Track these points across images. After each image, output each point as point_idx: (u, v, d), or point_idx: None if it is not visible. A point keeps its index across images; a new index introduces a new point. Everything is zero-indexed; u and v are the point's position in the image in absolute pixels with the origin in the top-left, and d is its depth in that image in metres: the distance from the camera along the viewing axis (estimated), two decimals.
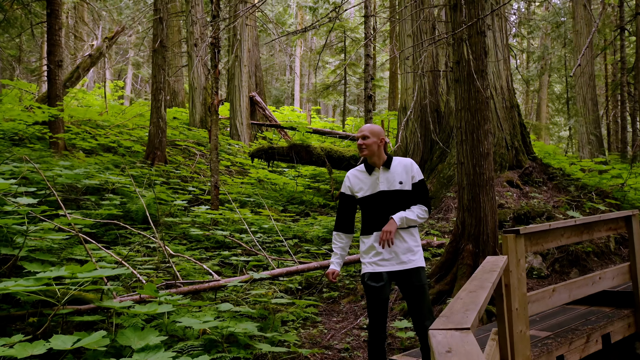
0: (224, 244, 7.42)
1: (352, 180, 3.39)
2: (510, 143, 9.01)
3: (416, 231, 3.30)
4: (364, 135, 3.30)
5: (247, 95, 17.60)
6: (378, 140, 3.31)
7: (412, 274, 3.19)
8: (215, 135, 8.53)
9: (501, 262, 2.93)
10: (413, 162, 3.34)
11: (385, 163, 3.31)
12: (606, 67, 27.12)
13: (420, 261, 3.23)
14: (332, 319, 5.47)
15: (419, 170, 3.33)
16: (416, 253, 3.23)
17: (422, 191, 3.28)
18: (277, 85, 44.40)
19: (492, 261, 3.00)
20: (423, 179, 3.32)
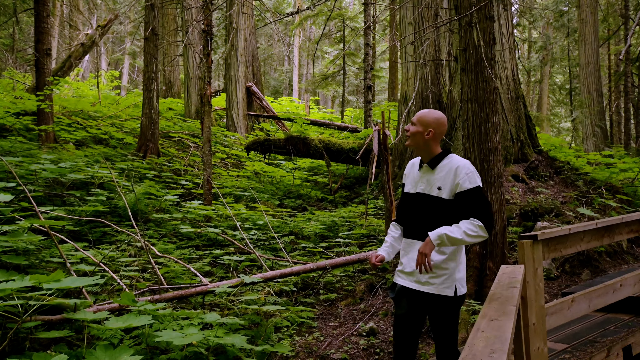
0: (217, 242, 7.08)
1: (407, 169, 2.99)
2: (515, 135, 8.66)
3: (457, 250, 2.70)
4: (412, 121, 2.83)
5: (243, 85, 17.20)
6: (424, 130, 2.77)
7: (431, 301, 2.71)
8: (208, 127, 8.16)
9: (519, 274, 2.59)
10: (465, 165, 2.69)
11: (432, 161, 2.80)
12: (609, 57, 26.66)
13: (445, 288, 2.65)
14: (329, 324, 5.14)
15: (470, 175, 2.65)
16: (440, 276, 2.68)
17: (474, 202, 2.61)
18: (276, 75, 43.93)
19: (508, 273, 2.65)
20: (477, 187, 2.62)
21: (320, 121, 16.63)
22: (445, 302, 2.69)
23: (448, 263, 2.69)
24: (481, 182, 2.70)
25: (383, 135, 6.96)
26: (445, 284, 2.69)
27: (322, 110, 31.37)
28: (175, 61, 21.09)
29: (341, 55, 24.81)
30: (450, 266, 2.69)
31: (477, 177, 2.68)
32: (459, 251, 2.71)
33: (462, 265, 2.73)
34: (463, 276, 2.73)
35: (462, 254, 2.75)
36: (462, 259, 2.74)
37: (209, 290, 4.28)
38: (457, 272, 2.69)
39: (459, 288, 2.68)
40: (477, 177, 2.68)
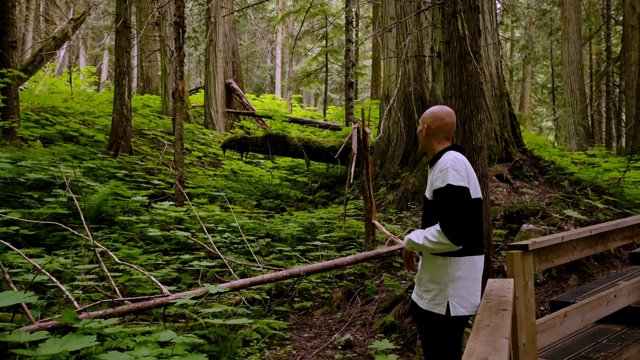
0: (187, 246, 6.68)
1: None
2: (499, 134, 8.40)
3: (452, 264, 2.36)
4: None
5: (222, 82, 16.74)
6: (422, 127, 2.61)
7: (423, 318, 2.47)
8: (180, 124, 7.74)
9: (509, 292, 2.27)
10: (444, 161, 2.38)
11: (431, 160, 2.53)
12: (591, 56, 26.75)
13: (434, 305, 2.38)
14: (303, 335, 4.80)
15: (444, 173, 2.34)
16: (430, 291, 2.42)
17: (440, 204, 2.31)
18: (258, 73, 43.44)
19: (497, 289, 2.33)
20: (446, 185, 2.30)
21: (301, 119, 16.26)
22: (435, 321, 2.39)
23: (437, 275, 2.40)
24: (458, 181, 2.32)
25: (363, 133, 6.64)
26: (435, 300, 2.40)
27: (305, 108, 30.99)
28: (153, 56, 20.53)
29: (324, 52, 24.45)
30: (442, 280, 2.38)
31: (451, 175, 2.32)
32: (452, 263, 2.37)
33: (462, 280, 2.37)
34: (466, 294, 2.37)
35: (463, 265, 2.38)
36: (463, 272, 2.38)
37: (169, 302, 3.90)
38: (450, 287, 2.36)
39: (453, 307, 2.35)
40: (450, 175, 2.32)
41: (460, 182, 2.32)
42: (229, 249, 6.86)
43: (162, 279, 5.35)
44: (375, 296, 5.29)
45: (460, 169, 2.36)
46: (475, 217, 2.42)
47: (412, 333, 4.36)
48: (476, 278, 2.42)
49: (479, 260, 2.45)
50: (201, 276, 5.82)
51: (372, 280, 5.72)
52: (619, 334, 3.82)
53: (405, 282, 5.41)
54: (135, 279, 4.93)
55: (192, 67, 39.57)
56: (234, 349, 4.02)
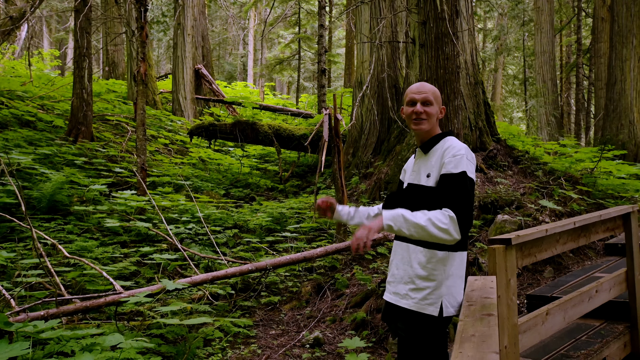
0: (149, 237, 6.32)
1: (408, 161, 2.49)
2: (474, 123, 8.23)
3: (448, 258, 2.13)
4: (427, 99, 2.22)
5: (191, 67, 16.20)
6: (439, 109, 2.30)
7: (409, 320, 2.17)
8: (142, 109, 7.32)
9: (492, 292, 2.04)
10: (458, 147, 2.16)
11: (425, 144, 2.27)
12: (561, 48, 27.03)
13: (427, 305, 2.12)
14: (269, 333, 4.53)
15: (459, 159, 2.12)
16: (422, 289, 2.13)
17: (454, 189, 2.06)
18: (230, 60, 42.65)
19: (479, 289, 2.10)
20: (462, 172, 2.09)
21: (273, 106, 15.88)
22: (425, 323, 2.13)
23: (434, 271, 2.13)
24: (471, 173, 2.13)
25: (334, 119, 6.35)
26: (428, 299, 2.13)
27: (277, 96, 30.50)
28: (119, 40, 19.75)
29: (296, 39, 24.02)
30: (437, 276, 2.13)
31: (466, 164, 2.11)
32: (449, 258, 2.13)
33: (454, 277, 2.14)
34: (455, 292, 2.15)
35: (456, 262, 2.15)
36: (456, 269, 2.15)
37: (121, 301, 3.57)
38: (444, 285, 2.12)
39: (445, 306, 2.12)
40: (465, 163, 2.11)
41: (472, 174, 2.14)
42: (193, 241, 6.52)
43: (119, 274, 5.00)
44: (346, 290, 5.06)
45: (472, 160, 2.18)
46: None
47: (384, 330, 4.14)
48: (463, 275, 2.22)
49: (466, 257, 2.25)
50: (162, 270, 5.48)
51: (343, 274, 5.47)
52: (598, 330, 3.67)
53: (378, 275, 5.18)
54: (88, 274, 4.57)
55: (161, 53, 38.55)
56: (193, 350, 3.72)
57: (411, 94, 2.27)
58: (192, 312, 4.43)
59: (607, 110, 13.88)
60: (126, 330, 3.90)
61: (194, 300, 4.95)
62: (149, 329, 4.01)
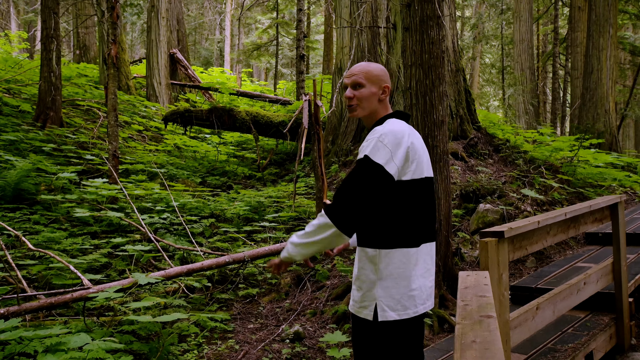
0: (121, 228, 6.06)
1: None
2: (455, 111, 8.15)
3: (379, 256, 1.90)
4: (356, 81, 1.98)
5: (166, 51, 15.75)
6: (379, 89, 2.01)
7: (352, 319, 2.05)
8: (114, 94, 7.01)
9: (487, 290, 1.91)
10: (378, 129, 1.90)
11: (368, 130, 2.01)
12: (538, 37, 27.20)
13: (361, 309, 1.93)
14: (247, 327, 4.37)
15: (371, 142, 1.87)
16: (358, 291, 1.96)
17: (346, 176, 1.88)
18: (207, 45, 41.85)
19: (473, 287, 1.97)
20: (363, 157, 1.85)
21: (250, 93, 15.59)
22: (361, 327, 1.96)
23: (363, 271, 1.94)
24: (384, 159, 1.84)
25: (314, 106, 6.17)
26: (362, 302, 1.94)
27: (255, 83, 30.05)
28: (91, 22, 19.08)
29: (274, 25, 23.61)
30: (368, 276, 1.92)
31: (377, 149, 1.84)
32: (381, 256, 1.89)
33: (392, 278, 1.89)
34: (396, 294, 1.88)
35: (392, 260, 1.89)
36: (395, 269, 1.89)
37: (89, 297, 3.36)
38: (379, 286, 1.89)
39: (381, 310, 1.88)
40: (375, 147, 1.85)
41: (382, 159, 1.84)
42: (168, 231, 6.29)
43: (89, 266, 4.77)
44: (327, 282, 4.92)
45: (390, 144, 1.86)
46: (415, 200, 1.93)
47: None
48: (411, 275, 1.92)
49: (414, 254, 1.93)
50: (135, 262, 5.25)
51: (323, 265, 5.34)
52: (584, 321, 3.61)
53: None
54: (54, 268, 4.32)
55: (135, 37, 37.60)
56: (167, 347, 3.54)
57: (344, 79, 2.05)
58: (167, 306, 4.23)
59: (584, 99, 13.99)
60: (96, 327, 3.69)
61: (168, 293, 4.75)
62: (120, 325, 3.80)
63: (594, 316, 3.70)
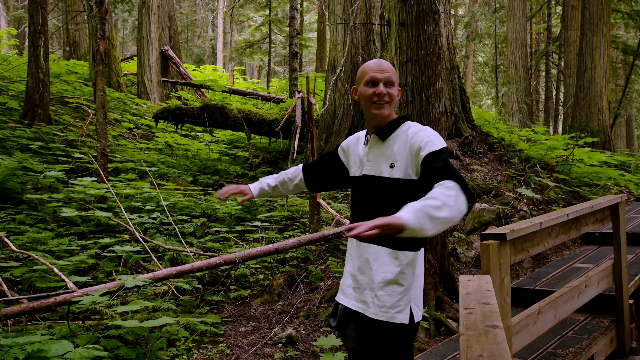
0: (109, 228, 5.92)
1: (351, 142, 2.12)
2: (449, 109, 8.06)
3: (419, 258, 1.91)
4: (390, 79, 1.91)
5: (157, 48, 15.55)
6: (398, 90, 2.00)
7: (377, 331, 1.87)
8: (102, 91, 6.85)
9: (491, 296, 1.80)
10: (423, 129, 1.91)
11: (381, 130, 1.95)
12: (531, 36, 27.22)
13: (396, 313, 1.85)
14: (239, 330, 4.25)
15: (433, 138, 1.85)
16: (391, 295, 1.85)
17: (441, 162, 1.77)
18: (199, 42, 41.58)
19: (475, 292, 1.86)
20: (443, 147, 1.83)
21: (243, 90, 15.43)
22: (394, 333, 1.86)
23: (405, 276, 1.87)
24: None
25: (307, 104, 6.06)
26: (397, 306, 1.86)
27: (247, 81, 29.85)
28: (81, 19, 18.82)
29: (267, 22, 23.44)
30: (407, 280, 1.88)
31: (443, 141, 1.90)
32: (419, 258, 1.93)
33: (420, 279, 1.94)
34: (420, 295, 1.94)
35: (421, 262, 1.95)
36: (421, 269, 1.95)
37: (73, 301, 3.23)
38: (413, 289, 1.90)
39: (415, 312, 1.89)
40: (442, 140, 1.89)
41: None
42: (158, 231, 6.15)
43: (75, 268, 4.63)
44: (321, 283, 4.81)
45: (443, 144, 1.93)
46: None
47: None
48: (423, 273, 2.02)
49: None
50: (124, 263, 5.12)
51: (317, 265, 5.23)
52: (584, 324, 3.53)
53: None
54: (39, 270, 4.18)
55: (127, 34, 37.29)
56: (155, 352, 3.42)
57: (372, 73, 1.93)
58: (155, 309, 4.11)
59: (577, 98, 13.97)
60: (81, 332, 3.56)
61: (157, 295, 4.63)
62: (107, 329, 3.68)
63: (593, 319, 3.62)
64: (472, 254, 5.22)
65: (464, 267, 5.09)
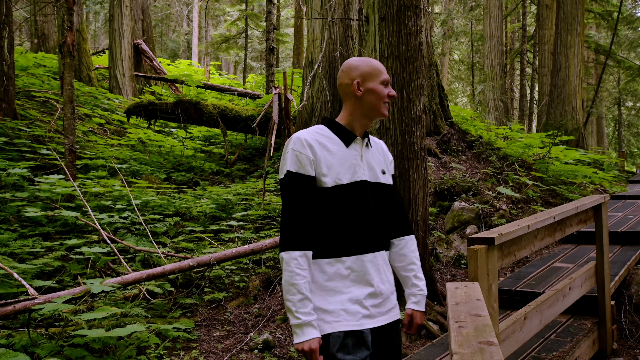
0: (77, 228, 5.67)
1: (318, 149, 1.74)
2: (428, 106, 8.00)
3: None
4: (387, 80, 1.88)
5: (130, 42, 15.15)
6: None
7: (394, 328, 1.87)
8: (70, 84, 6.57)
9: (482, 307, 1.69)
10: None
11: (367, 134, 1.91)
12: (506, 34, 27.51)
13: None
14: (213, 335, 4.08)
15: None
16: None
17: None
18: (174, 37, 40.88)
19: (464, 301, 1.75)
20: None
21: (218, 86, 15.15)
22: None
23: None
24: None
25: (285, 99, 5.90)
26: None
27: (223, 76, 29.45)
28: (50, 10, 18.21)
29: (243, 17, 23.11)
30: None
31: None
32: None
33: None
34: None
35: None
36: None
37: (33, 309, 3.02)
38: None
39: None
40: None
41: None
42: (129, 231, 5.92)
43: (39, 271, 4.39)
44: None
45: None
46: None
47: None
48: None
49: None
50: (92, 265, 4.89)
51: None
52: (566, 327, 3.47)
53: None
54: None
55: (99, 27, 36.42)
56: None
57: (385, 74, 1.87)
58: (125, 315, 3.91)
59: (552, 96, 14.11)
60: (43, 340, 3.35)
61: (127, 299, 4.42)
62: (71, 338, 3.47)
63: (575, 320, 3.58)
64: (452, 254, 5.15)
65: (444, 267, 5.02)
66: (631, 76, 21.43)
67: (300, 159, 1.71)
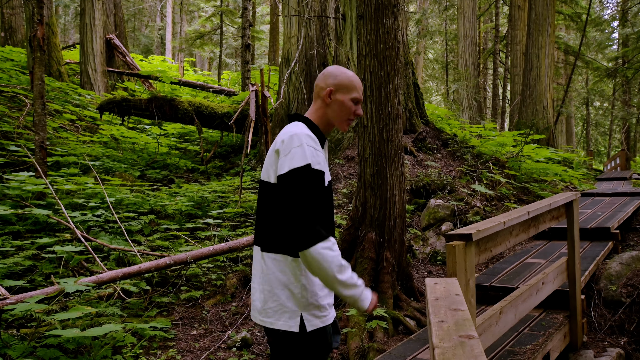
0: (49, 226, 5.54)
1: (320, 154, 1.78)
2: (403, 104, 8.07)
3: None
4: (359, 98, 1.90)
5: (102, 36, 14.83)
6: None
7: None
8: (40, 79, 6.40)
9: (461, 301, 1.73)
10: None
11: None
12: (479, 34, 27.94)
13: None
14: (190, 333, 4.05)
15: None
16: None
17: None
18: (147, 32, 40.25)
19: (443, 297, 1.78)
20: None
21: (193, 82, 14.99)
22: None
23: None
24: None
25: (262, 97, 5.88)
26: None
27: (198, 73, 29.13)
28: (18, 3, 17.71)
29: (218, 13, 22.89)
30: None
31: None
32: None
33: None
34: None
35: None
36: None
37: (5, 309, 2.94)
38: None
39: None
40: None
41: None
42: (103, 229, 5.82)
43: (9, 271, 4.28)
44: None
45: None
46: None
47: None
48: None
49: None
50: (65, 264, 4.78)
51: None
52: (539, 320, 3.56)
53: None
54: None
55: (69, 20, 35.57)
56: None
57: (359, 92, 1.90)
58: (100, 314, 3.85)
59: (524, 96, 14.39)
60: (15, 341, 3.27)
61: (102, 298, 4.35)
62: (44, 338, 3.40)
63: (548, 314, 3.67)
64: (428, 250, 5.22)
65: (420, 264, 5.08)
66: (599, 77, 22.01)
67: (317, 155, 1.73)
